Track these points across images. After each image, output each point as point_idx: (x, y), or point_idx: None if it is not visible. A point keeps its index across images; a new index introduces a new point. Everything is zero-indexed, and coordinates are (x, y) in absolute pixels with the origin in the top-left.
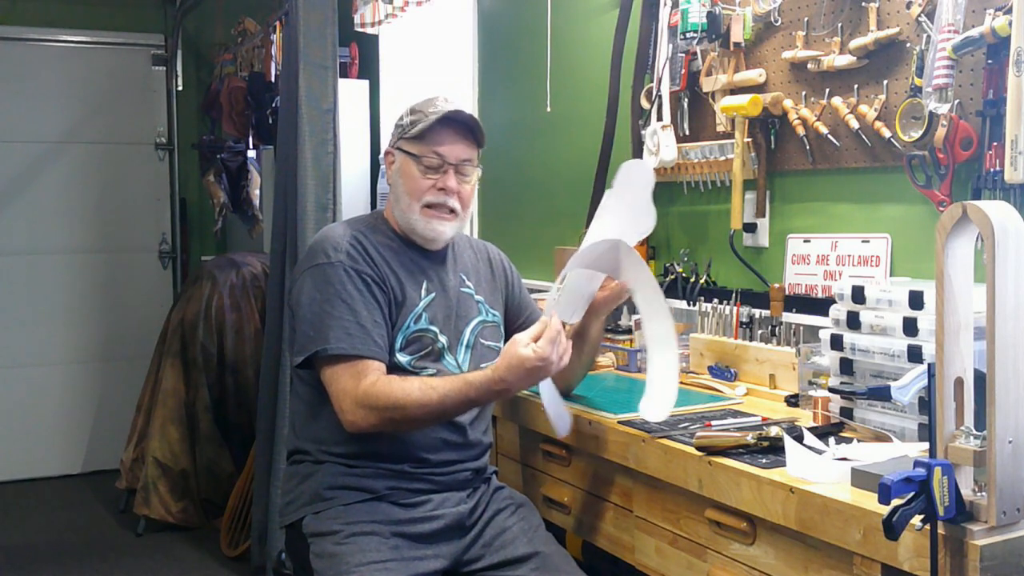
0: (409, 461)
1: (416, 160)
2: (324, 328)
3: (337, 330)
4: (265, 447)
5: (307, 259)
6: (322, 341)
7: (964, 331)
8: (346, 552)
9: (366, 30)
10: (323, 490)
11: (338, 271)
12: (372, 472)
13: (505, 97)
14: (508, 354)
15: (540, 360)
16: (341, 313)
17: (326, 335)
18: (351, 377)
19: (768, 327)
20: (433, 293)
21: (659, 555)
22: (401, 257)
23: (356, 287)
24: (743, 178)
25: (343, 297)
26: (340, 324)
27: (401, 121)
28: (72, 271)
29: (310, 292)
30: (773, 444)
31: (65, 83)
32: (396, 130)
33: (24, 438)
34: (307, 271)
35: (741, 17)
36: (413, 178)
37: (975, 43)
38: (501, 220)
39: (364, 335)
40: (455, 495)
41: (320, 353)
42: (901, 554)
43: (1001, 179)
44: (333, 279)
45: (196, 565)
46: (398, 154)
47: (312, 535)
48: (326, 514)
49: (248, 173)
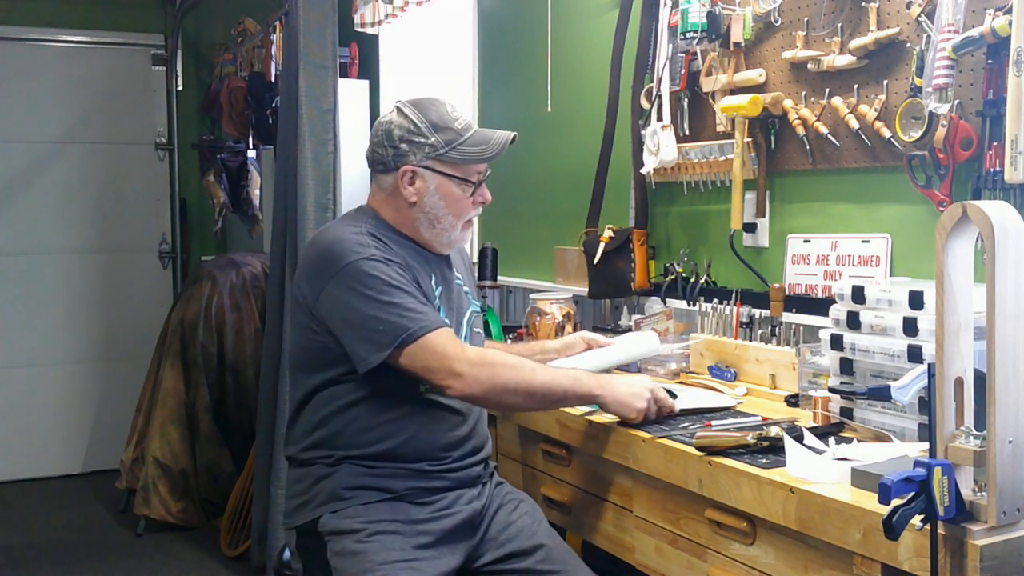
0: (427, 459)
1: (460, 182)
2: (394, 315)
3: (409, 313)
4: (265, 447)
5: (327, 264)
6: (402, 329)
7: (964, 331)
8: (370, 550)
9: (366, 30)
10: (341, 490)
11: (375, 264)
12: (392, 472)
13: (505, 97)
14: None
15: (645, 399)
16: (401, 298)
17: (400, 322)
18: (451, 343)
19: (768, 327)
20: (441, 287)
21: (659, 555)
22: (411, 252)
23: (398, 272)
24: (743, 178)
25: (393, 283)
26: (408, 306)
27: (424, 140)
28: (72, 271)
29: (354, 292)
30: (773, 444)
31: (65, 83)
32: (416, 148)
33: (24, 438)
34: (337, 275)
35: (741, 17)
36: (458, 200)
37: (975, 43)
38: (501, 220)
39: (431, 309)
40: (468, 492)
41: (407, 339)
42: (901, 554)
43: (1001, 179)
44: (376, 271)
45: (196, 565)
46: (429, 175)
47: (330, 533)
48: (345, 512)
49: (248, 173)
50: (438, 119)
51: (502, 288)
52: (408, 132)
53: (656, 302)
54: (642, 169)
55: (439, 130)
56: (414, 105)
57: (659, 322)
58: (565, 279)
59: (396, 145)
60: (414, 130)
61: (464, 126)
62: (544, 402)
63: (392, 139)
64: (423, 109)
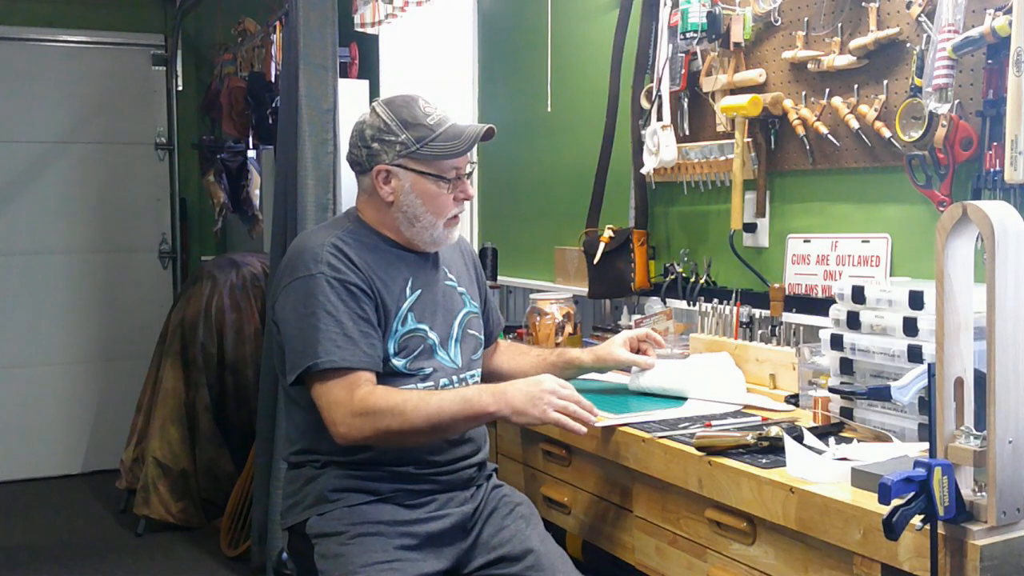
0: (413, 463)
1: (435, 179)
2: (312, 343)
3: (326, 343)
4: (265, 447)
5: (287, 272)
6: (311, 356)
7: (964, 331)
8: (352, 552)
9: (366, 30)
10: (327, 492)
11: (320, 283)
12: (377, 475)
13: (505, 97)
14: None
15: (545, 403)
16: (327, 326)
17: (315, 350)
18: (343, 389)
19: (768, 327)
20: (419, 290)
21: (659, 555)
22: (385, 257)
23: (340, 298)
24: (743, 178)
25: (328, 309)
26: (327, 337)
27: (397, 138)
28: (72, 271)
29: (294, 307)
30: (773, 444)
31: (65, 83)
32: (389, 146)
33: (24, 438)
34: (288, 286)
35: (741, 17)
36: (435, 197)
37: (975, 43)
38: (501, 220)
39: (352, 346)
40: (459, 495)
41: (311, 368)
42: (901, 554)
43: (1001, 179)
44: (316, 292)
45: (196, 565)
46: (403, 173)
47: (317, 536)
48: (331, 515)
49: (248, 173)
50: (409, 116)
51: (502, 288)
52: (379, 131)
53: (656, 302)
54: (642, 169)
55: (409, 127)
56: (387, 104)
57: (659, 322)
58: (565, 279)
59: (369, 145)
60: (384, 128)
61: (437, 121)
62: (435, 434)
63: (364, 139)
64: (395, 107)
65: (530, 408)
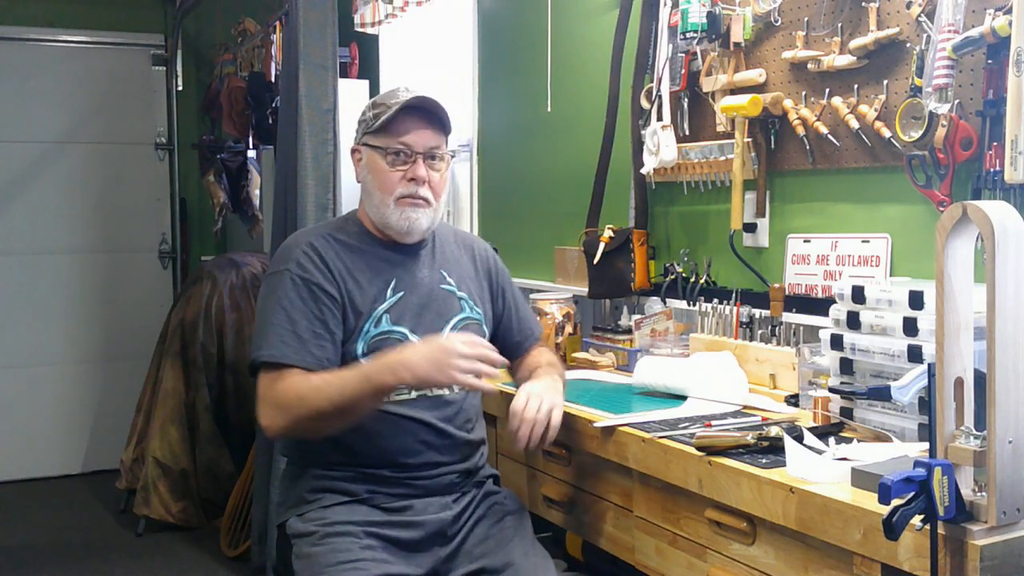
0: (387, 466)
1: (382, 153)
2: (263, 337)
3: (272, 338)
4: (265, 447)
5: (269, 267)
6: (257, 349)
7: (964, 331)
8: (320, 553)
9: (366, 30)
10: (305, 493)
11: (284, 280)
12: (351, 476)
13: (505, 97)
14: (430, 342)
15: (452, 365)
16: (279, 321)
17: (261, 343)
18: (270, 383)
19: (768, 327)
20: (401, 292)
21: (659, 555)
22: (367, 257)
23: (300, 296)
24: (743, 178)
25: (283, 306)
26: (276, 333)
27: (364, 116)
28: (72, 271)
29: (261, 301)
30: (773, 444)
31: (65, 83)
32: (360, 126)
33: (24, 438)
34: (264, 280)
35: (741, 17)
36: (382, 172)
37: (975, 43)
38: (501, 220)
39: (298, 344)
40: (438, 500)
41: (254, 361)
42: (901, 554)
43: (1001, 179)
44: (278, 288)
45: (196, 565)
46: (364, 150)
47: (294, 536)
48: (307, 516)
49: (248, 173)
50: (380, 98)
51: None
52: (360, 116)
53: (656, 302)
54: (642, 169)
55: (376, 106)
56: None
57: (659, 322)
58: (565, 279)
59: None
60: (361, 112)
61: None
62: (344, 416)
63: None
64: (380, 94)
65: (435, 374)
